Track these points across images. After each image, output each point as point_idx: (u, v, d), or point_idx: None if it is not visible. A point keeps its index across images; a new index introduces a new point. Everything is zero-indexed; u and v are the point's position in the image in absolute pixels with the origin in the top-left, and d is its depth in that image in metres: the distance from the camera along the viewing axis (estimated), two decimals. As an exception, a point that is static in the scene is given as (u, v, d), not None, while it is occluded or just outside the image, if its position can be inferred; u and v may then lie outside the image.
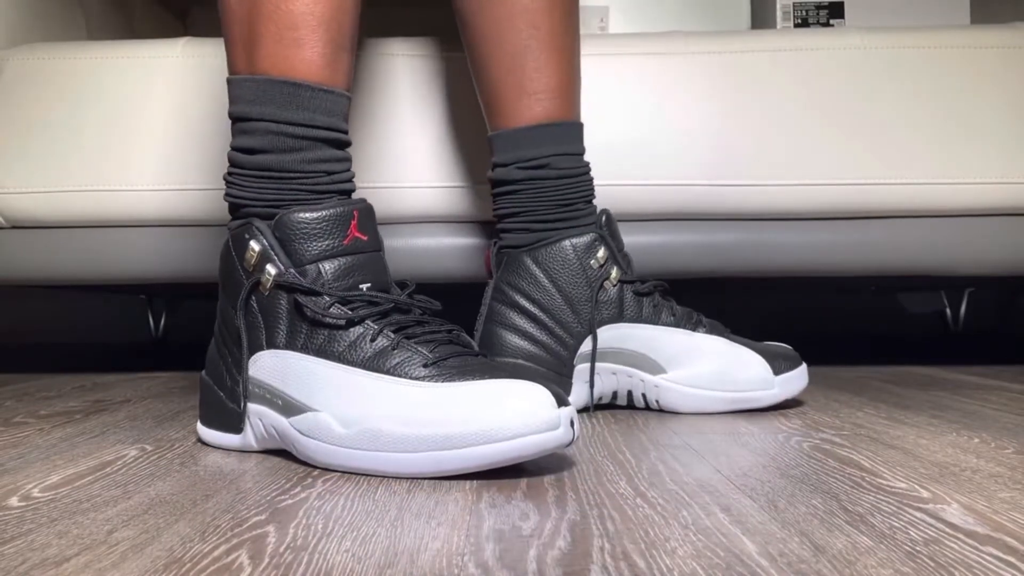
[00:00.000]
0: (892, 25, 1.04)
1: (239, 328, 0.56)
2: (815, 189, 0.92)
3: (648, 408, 0.74)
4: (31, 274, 0.96)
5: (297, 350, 0.54)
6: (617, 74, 0.93)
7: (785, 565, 0.33)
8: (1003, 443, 0.58)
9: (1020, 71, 0.93)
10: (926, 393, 0.83)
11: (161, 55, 0.94)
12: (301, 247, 0.54)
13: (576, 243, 0.71)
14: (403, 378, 0.50)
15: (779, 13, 1.25)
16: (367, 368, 0.51)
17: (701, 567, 0.33)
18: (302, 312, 0.54)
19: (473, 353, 0.54)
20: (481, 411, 0.48)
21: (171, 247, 0.94)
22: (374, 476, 0.50)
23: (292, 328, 0.54)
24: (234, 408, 0.57)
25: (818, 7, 1.24)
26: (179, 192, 0.92)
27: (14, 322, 1.69)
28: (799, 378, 0.73)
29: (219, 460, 0.55)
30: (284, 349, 0.54)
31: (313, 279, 0.54)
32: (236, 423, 0.57)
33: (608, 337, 0.72)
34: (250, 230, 0.55)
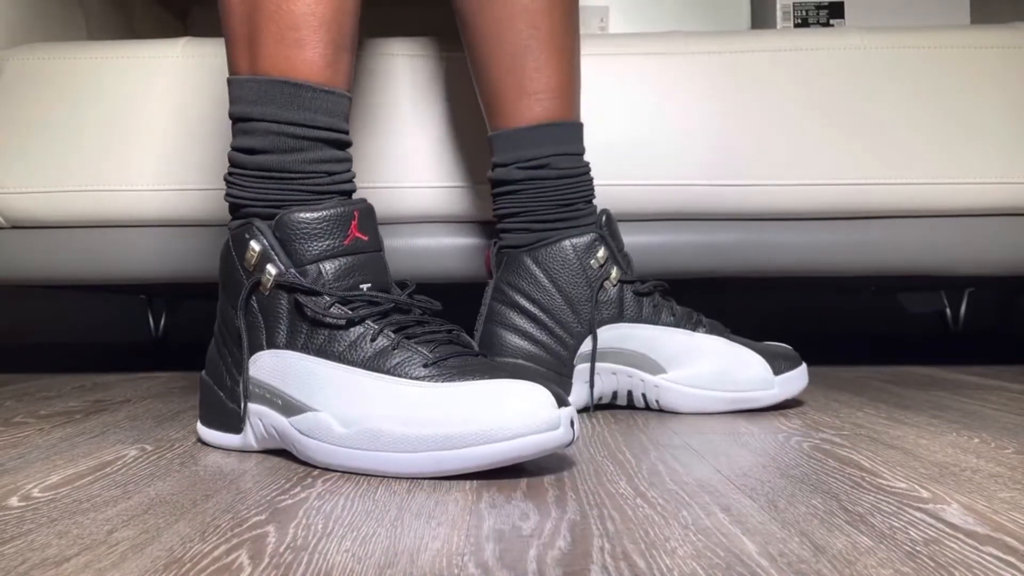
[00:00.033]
0: (892, 25, 1.04)
1: (239, 328, 0.56)
2: (815, 189, 0.92)
3: (648, 408, 0.74)
4: (31, 274, 0.96)
5: (297, 350, 0.54)
6: (617, 74, 0.93)
7: (785, 565, 0.33)
8: (1003, 443, 0.58)
9: (1020, 71, 0.93)
10: (926, 393, 0.83)
11: (161, 55, 0.94)
12: (302, 247, 0.54)
13: (576, 243, 0.71)
14: (403, 378, 0.51)
15: (779, 13, 1.25)
16: (367, 368, 0.51)
17: (701, 567, 0.33)
18: (302, 312, 0.54)
19: (473, 353, 0.54)
20: (481, 411, 0.48)
21: (171, 247, 0.94)
22: (374, 476, 0.50)
23: (292, 328, 0.54)
24: (234, 408, 0.57)
25: (818, 7, 1.24)
26: (179, 192, 0.92)
27: (14, 322, 1.69)
28: (799, 378, 0.73)
29: (219, 460, 0.55)
30: (284, 349, 0.54)
31: (313, 279, 0.54)
32: (236, 423, 0.57)
33: (608, 337, 0.72)
34: (250, 230, 0.55)
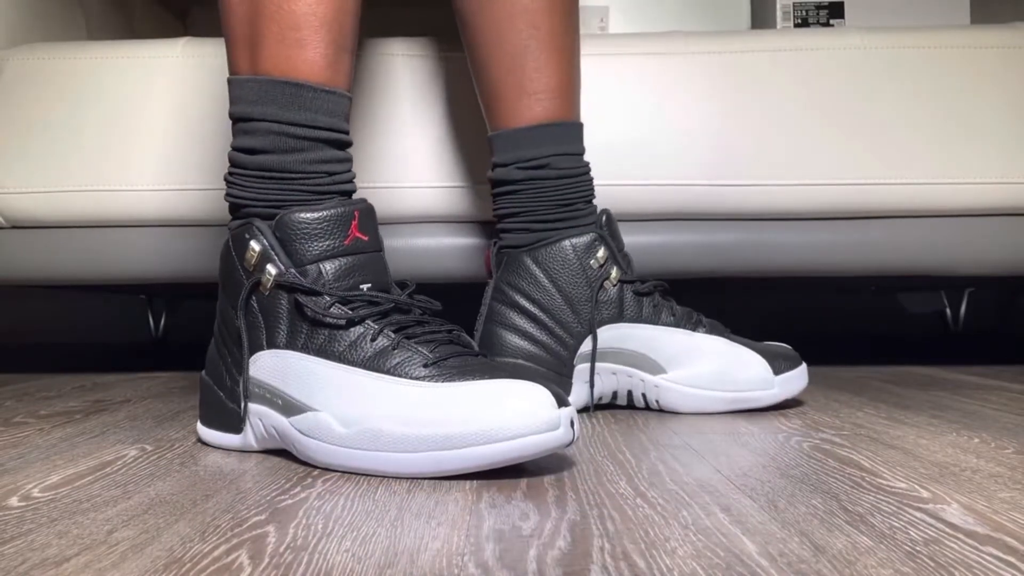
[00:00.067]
0: (892, 25, 1.04)
1: (239, 328, 0.56)
2: (815, 189, 0.92)
3: (648, 408, 0.74)
4: (31, 274, 0.96)
5: (297, 350, 0.54)
6: (617, 74, 0.93)
7: (785, 565, 0.33)
8: (1003, 443, 0.58)
9: (1020, 71, 0.93)
10: (926, 393, 0.83)
11: (161, 55, 0.94)
12: (302, 247, 0.54)
13: (576, 243, 0.71)
14: (403, 378, 0.51)
15: (779, 13, 1.25)
16: (367, 368, 0.51)
17: (701, 567, 0.33)
18: (302, 312, 0.54)
19: (473, 353, 0.54)
20: (481, 411, 0.48)
21: (171, 247, 0.94)
22: (374, 476, 0.50)
23: (292, 328, 0.54)
24: (234, 408, 0.57)
25: (818, 7, 1.24)
26: (179, 192, 0.92)
27: (14, 322, 1.69)
28: (799, 378, 0.73)
29: (219, 460, 0.55)
30: (284, 349, 0.54)
31: (314, 279, 0.54)
32: (236, 423, 0.57)
33: (608, 337, 0.72)
34: (250, 230, 0.55)
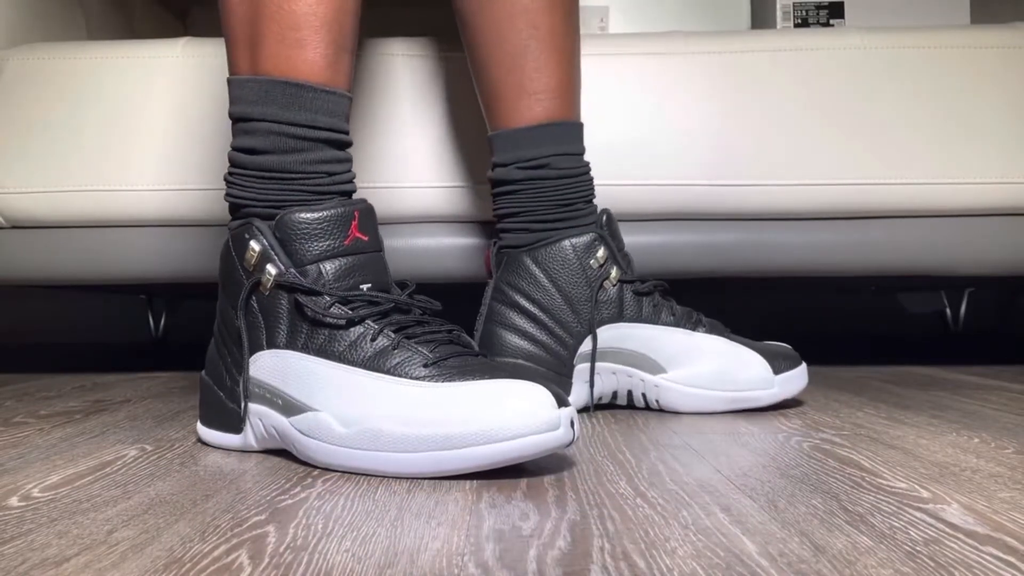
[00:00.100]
0: (892, 25, 1.04)
1: (239, 328, 0.56)
2: (815, 189, 0.92)
3: (648, 408, 0.74)
4: (31, 274, 0.96)
5: (298, 350, 0.54)
6: (617, 74, 0.93)
7: (785, 565, 0.33)
8: (1003, 443, 0.58)
9: (1020, 71, 0.93)
10: (926, 393, 0.83)
11: (161, 55, 0.94)
12: (302, 247, 0.54)
13: (576, 243, 0.71)
14: (403, 378, 0.51)
15: (779, 13, 1.25)
16: (367, 368, 0.51)
17: (701, 567, 0.33)
18: (303, 312, 0.54)
19: (473, 353, 0.54)
20: (481, 411, 0.48)
21: (171, 247, 0.94)
22: (374, 476, 0.50)
23: (292, 328, 0.54)
24: (234, 408, 0.57)
25: (818, 7, 1.24)
26: (179, 192, 0.92)
27: (14, 322, 1.69)
28: (799, 378, 0.73)
29: (219, 460, 0.55)
30: (284, 349, 0.54)
31: (314, 279, 0.54)
32: (236, 423, 0.57)
33: (608, 337, 0.72)
34: (250, 230, 0.55)
